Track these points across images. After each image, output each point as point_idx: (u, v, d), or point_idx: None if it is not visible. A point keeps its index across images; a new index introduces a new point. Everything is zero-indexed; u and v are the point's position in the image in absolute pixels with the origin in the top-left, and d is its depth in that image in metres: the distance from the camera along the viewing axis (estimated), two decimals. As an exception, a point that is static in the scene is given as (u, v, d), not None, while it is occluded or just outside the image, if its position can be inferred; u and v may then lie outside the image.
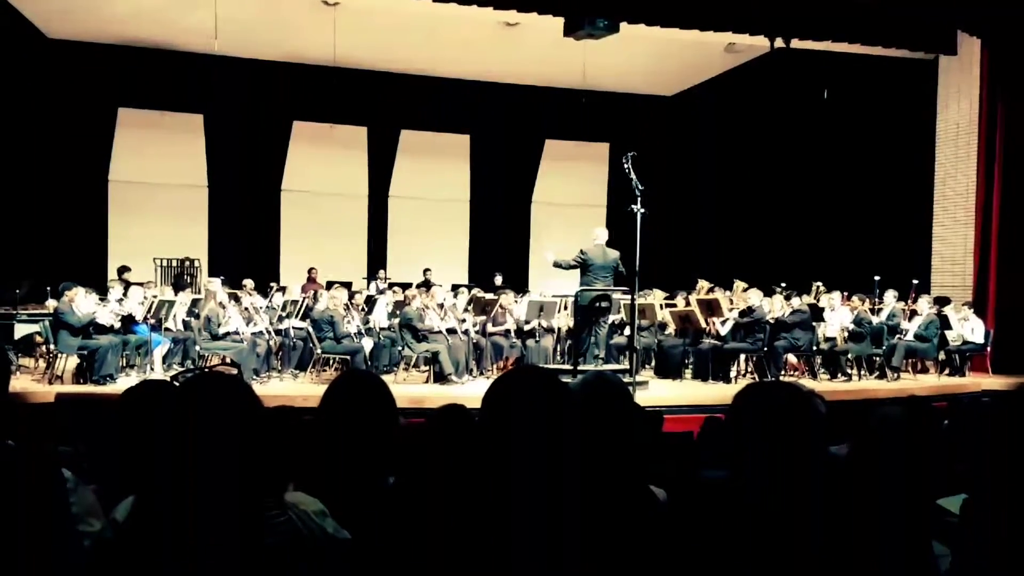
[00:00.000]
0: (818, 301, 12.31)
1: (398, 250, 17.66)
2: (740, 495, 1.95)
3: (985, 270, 12.30)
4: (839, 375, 11.15)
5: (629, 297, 9.99)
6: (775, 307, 11.20)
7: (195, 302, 11.24)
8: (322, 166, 16.93)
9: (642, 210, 9.20)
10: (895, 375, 11.15)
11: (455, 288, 13.51)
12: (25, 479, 1.86)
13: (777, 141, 15.70)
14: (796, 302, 11.36)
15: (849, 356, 11.30)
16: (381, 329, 11.42)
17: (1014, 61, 11.96)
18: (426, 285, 13.81)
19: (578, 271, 10.19)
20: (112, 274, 13.95)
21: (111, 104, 15.77)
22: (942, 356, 11.66)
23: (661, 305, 12.25)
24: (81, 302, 9.52)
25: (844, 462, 2.36)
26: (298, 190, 17.09)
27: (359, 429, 2.22)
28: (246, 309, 10.87)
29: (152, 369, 9.94)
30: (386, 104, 16.91)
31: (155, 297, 10.67)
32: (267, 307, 11.51)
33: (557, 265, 10.33)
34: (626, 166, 9.32)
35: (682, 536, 2.04)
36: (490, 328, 11.33)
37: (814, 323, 11.26)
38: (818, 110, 13.80)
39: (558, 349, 11.72)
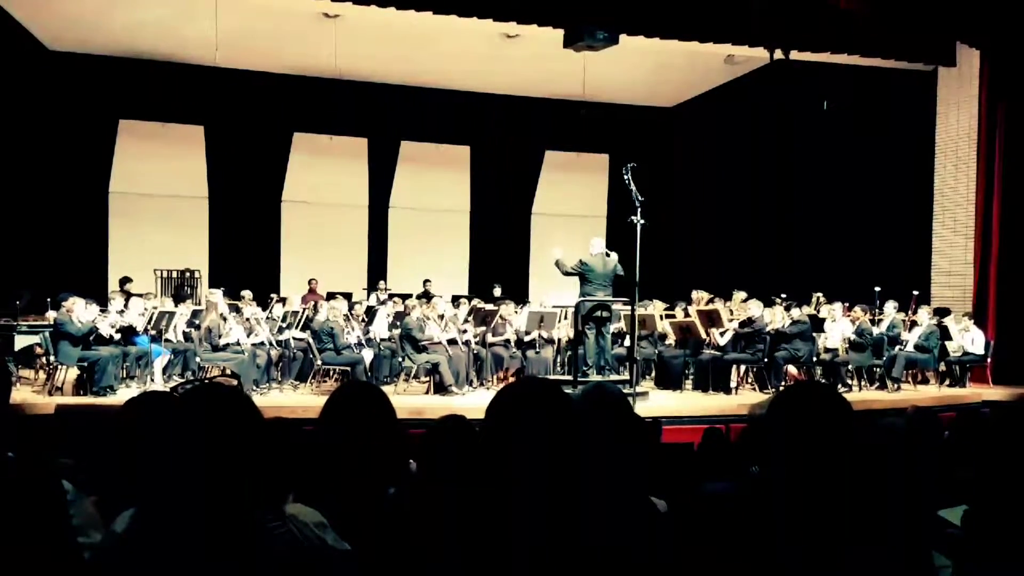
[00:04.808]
0: (818, 312, 12.31)
1: (398, 261, 17.67)
2: (761, 501, 1.94)
3: (985, 281, 12.30)
4: (839, 386, 11.13)
5: (629, 308, 10.02)
6: (775, 318, 11.20)
7: (195, 313, 11.25)
8: (322, 177, 16.95)
9: (642, 221, 9.22)
10: (895, 386, 11.14)
11: (455, 299, 13.51)
12: (25, 491, 1.86)
13: (776, 152, 15.72)
14: (796, 313, 11.36)
15: (849, 367, 11.29)
16: (381, 340, 11.41)
17: (1013, 72, 12.00)
18: (426, 296, 13.81)
19: (577, 279, 10.22)
20: (113, 285, 13.95)
21: (112, 116, 15.80)
22: (942, 367, 11.65)
23: (661, 316, 12.25)
24: (80, 312, 9.51)
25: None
26: (298, 201, 17.11)
27: (359, 440, 2.22)
28: (247, 320, 10.87)
29: (152, 380, 9.93)
30: (386, 115, 16.95)
31: (155, 308, 10.67)
32: (267, 318, 11.50)
33: (558, 265, 10.32)
34: (626, 177, 9.34)
35: (685, 546, 2.04)
36: (490, 339, 11.33)
37: (814, 334, 11.26)
38: (817, 121, 13.82)
39: (558, 360, 11.72)
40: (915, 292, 12.67)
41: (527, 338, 11.53)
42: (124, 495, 2.06)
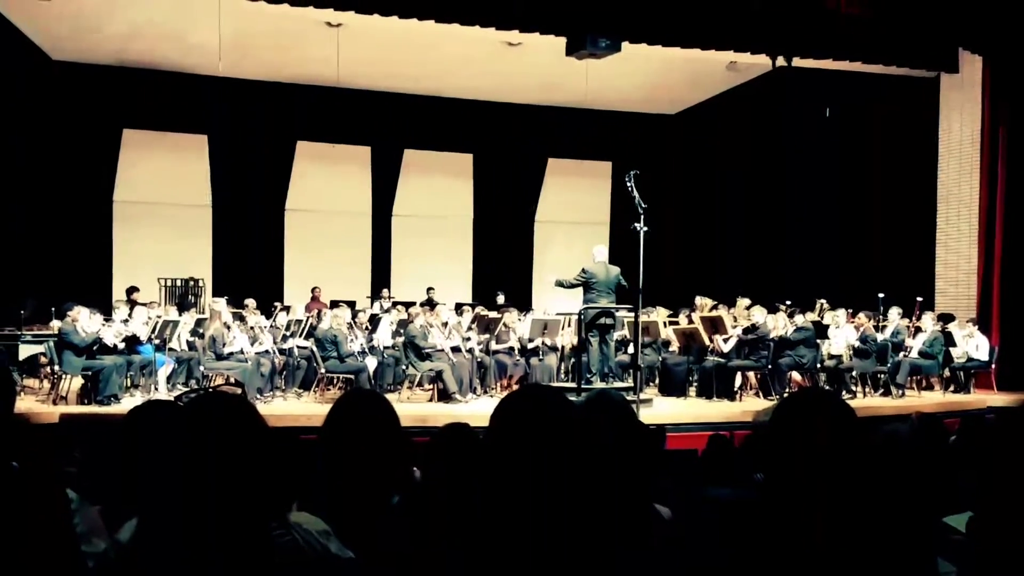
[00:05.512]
0: (822, 318, 12.30)
1: (402, 269, 17.67)
2: (766, 508, 1.94)
3: (989, 287, 12.29)
4: (843, 392, 11.10)
5: (633, 315, 10.01)
6: (779, 324, 11.19)
7: (199, 322, 11.26)
8: (326, 185, 16.97)
9: (645, 228, 9.23)
10: (899, 392, 11.11)
11: (459, 306, 13.51)
12: (30, 499, 1.86)
13: (779, 159, 15.72)
14: (799, 319, 11.35)
15: (853, 373, 11.27)
16: (385, 348, 11.41)
17: (1016, 78, 12.00)
18: (430, 303, 13.80)
19: (581, 289, 10.23)
20: (118, 294, 13.96)
21: (116, 125, 15.83)
22: (947, 373, 11.63)
23: (665, 323, 12.25)
24: (85, 322, 9.53)
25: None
26: (302, 209, 17.13)
27: (363, 448, 2.22)
28: (251, 328, 10.87)
29: (156, 389, 9.94)
30: (389, 123, 16.97)
31: (159, 317, 10.68)
32: (271, 326, 11.51)
33: (559, 284, 10.37)
34: (628, 184, 9.35)
35: (689, 552, 2.04)
36: (494, 346, 11.33)
37: (818, 340, 11.24)
38: (820, 128, 13.81)
39: (562, 367, 11.71)
40: (919, 298, 12.63)
41: (531, 345, 11.53)
42: (128, 504, 2.06)
